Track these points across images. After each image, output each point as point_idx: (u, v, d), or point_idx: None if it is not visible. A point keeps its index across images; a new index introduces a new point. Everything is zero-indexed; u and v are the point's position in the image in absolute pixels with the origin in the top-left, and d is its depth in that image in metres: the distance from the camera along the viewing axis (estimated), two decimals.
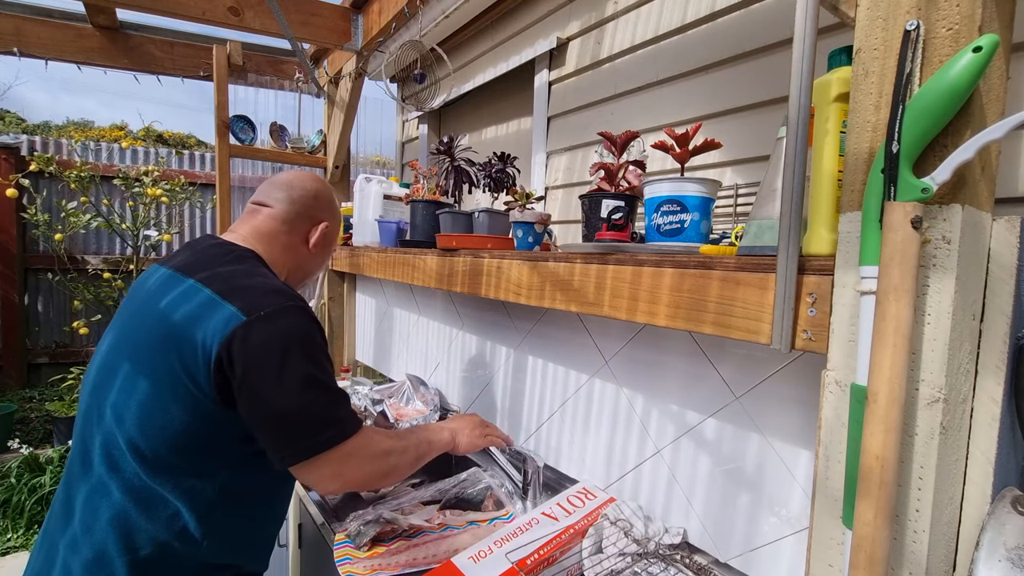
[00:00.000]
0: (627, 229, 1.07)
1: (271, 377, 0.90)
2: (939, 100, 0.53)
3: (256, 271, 1.03)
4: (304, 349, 0.94)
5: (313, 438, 0.93)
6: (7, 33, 2.44)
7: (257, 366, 0.90)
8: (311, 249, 1.18)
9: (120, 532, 0.92)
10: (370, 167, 4.10)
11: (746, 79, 1.20)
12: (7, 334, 4.36)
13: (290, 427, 0.92)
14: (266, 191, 1.16)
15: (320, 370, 0.96)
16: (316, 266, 1.23)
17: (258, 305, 0.93)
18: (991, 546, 0.57)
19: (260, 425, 0.93)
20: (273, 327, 0.92)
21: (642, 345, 1.26)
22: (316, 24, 2.27)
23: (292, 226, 1.14)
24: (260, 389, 0.90)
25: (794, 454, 0.97)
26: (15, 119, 6.65)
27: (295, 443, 0.93)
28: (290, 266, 1.16)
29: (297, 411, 0.92)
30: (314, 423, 0.94)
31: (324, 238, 1.19)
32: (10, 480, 3.08)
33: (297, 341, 0.93)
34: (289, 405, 0.91)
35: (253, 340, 0.90)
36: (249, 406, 0.92)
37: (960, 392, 0.59)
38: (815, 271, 0.67)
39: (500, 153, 1.51)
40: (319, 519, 1.41)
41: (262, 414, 0.92)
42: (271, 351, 0.91)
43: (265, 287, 0.98)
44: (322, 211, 1.19)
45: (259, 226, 1.12)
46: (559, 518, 1.12)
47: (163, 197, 3.97)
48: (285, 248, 1.14)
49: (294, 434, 0.92)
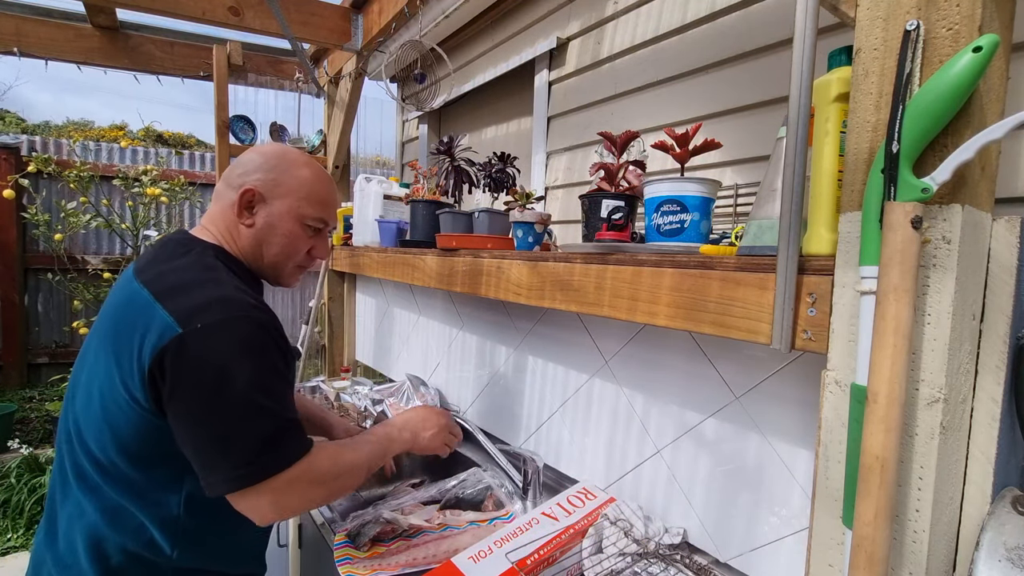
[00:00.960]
0: (627, 229, 1.07)
1: (202, 398, 0.83)
2: (939, 100, 0.53)
3: (207, 269, 0.94)
4: (243, 367, 0.85)
5: (247, 467, 0.84)
6: (7, 33, 2.44)
7: (188, 385, 0.83)
8: (244, 223, 1.02)
9: (91, 542, 0.90)
10: (370, 167, 4.10)
11: (746, 79, 1.20)
12: (7, 334, 4.36)
13: (220, 454, 0.85)
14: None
15: (262, 391, 0.86)
16: (268, 244, 1.04)
17: (195, 315, 0.84)
18: (991, 546, 0.57)
19: (189, 449, 0.86)
20: (210, 341, 0.84)
21: (642, 345, 1.26)
22: (316, 24, 2.27)
23: (222, 203, 1.03)
24: (189, 410, 0.84)
25: (794, 454, 0.97)
26: (15, 119, 6.65)
27: (225, 471, 0.84)
28: (241, 250, 1.03)
29: (229, 437, 0.84)
30: (247, 451, 0.85)
31: (261, 206, 1.02)
32: (10, 480, 3.08)
33: (236, 358, 0.84)
34: (220, 430, 0.84)
35: (186, 355, 0.82)
36: (177, 426, 0.85)
37: (960, 392, 0.59)
38: (815, 271, 0.67)
39: (500, 153, 1.51)
40: (319, 519, 1.41)
41: (190, 437, 0.85)
42: (204, 369, 0.83)
43: (209, 292, 0.89)
44: (247, 176, 1.01)
45: (211, 211, 1.04)
46: (559, 518, 1.12)
47: (162, 197, 3.97)
48: (227, 229, 1.03)
49: (224, 462, 0.84)
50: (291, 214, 1.04)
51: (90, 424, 0.91)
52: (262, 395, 0.87)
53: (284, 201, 1.03)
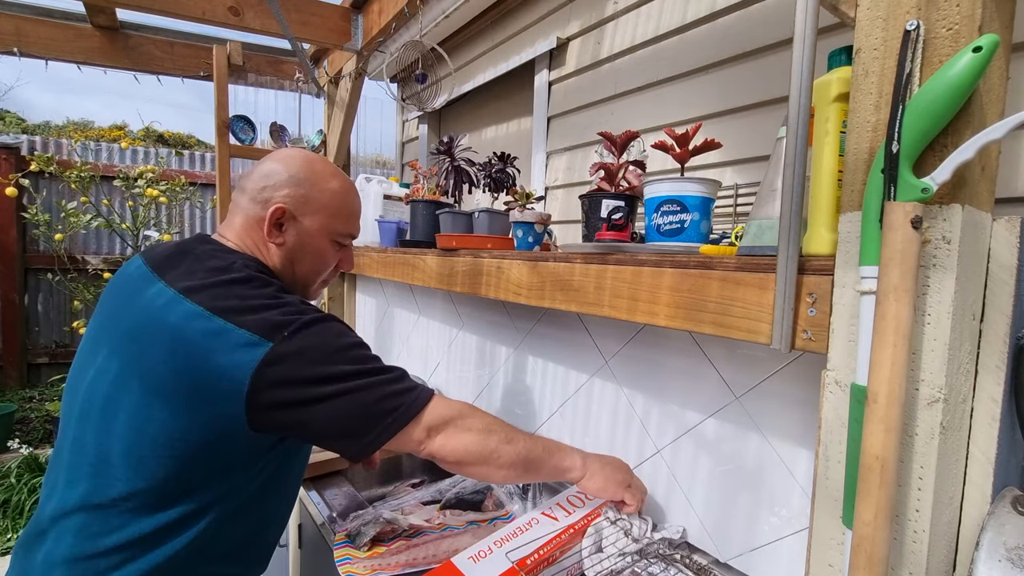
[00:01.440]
0: (627, 229, 1.07)
1: (324, 380, 0.84)
2: (939, 100, 0.53)
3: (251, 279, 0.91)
4: (341, 344, 0.88)
5: (392, 415, 0.89)
6: (7, 33, 2.44)
7: (302, 381, 0.84)
8: (274, 243, 0.99)
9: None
10: (370, 167, 4.10)
11: (746, 79, 1.20)
12: (7, 334, 4.36)
13: (373, 416, 0.88)
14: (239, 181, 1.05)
15: (365, 356, 0.91)
16: (298, 262, 1.02)
17: (277, 328, 0.84)
18: (991, 546, 0.57)
19: (334, 430, 0.88)
20: (301, 339, 0.85)
21: (642, 345, 1.26)
22: (316, 24, 2.27)
23: (246, 217, 0.99)
24: (317, 396, 0.84)
25: (794, 454, 0.97)
26: (15, 119, 6.65)
27: (371, 433, 0.88)
28: (276, 268, 1.01)
29: (369, 403, 0.88)
30: (390, 397, 0.90)
31: (290, 224, 0.99)
32: (10, 480, 3.08)
33: (333, 340, 0.88)
34: (359, 402, 0.87)
35: (288, 359, 0.83)
36: (307, 420, 0.85)
37: (960, 392, 0.59)
38: (815, 271, 0.67)
39: (500, 153, 1.51)
40: (319, 519, 1.41)
41: (328, 421, 0.86)
42: (311, 361, 0.85)
43: (271, 301, 0.88)
44: (276, 191, 0.98)
45: (235, 224, 1.00)
46: (559, 518, 1.12)
47: (161, 198, 3.97)
48: (257, 244, 1.00)
49: (367, 423, 0.88)
50: (322, 231, 1.02)
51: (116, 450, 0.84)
52: (368, 359, 0.91)
53: (315, 219, 1.01)
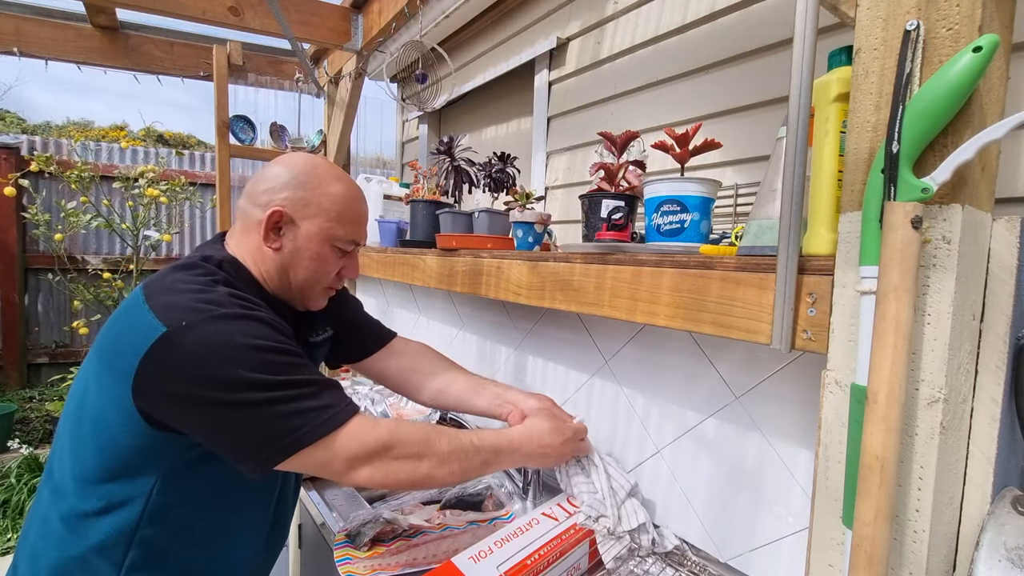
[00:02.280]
0: (627, 229, 1.07)
1: (210, 388, 0.78)
2: (939, 100, 0.53)
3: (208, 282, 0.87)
4: (244, 347, 0.80)
5: (278, 440, 0.79)
6: (7, 33, 2.44)
7: (186, 380, 0.78)
8: (270, 247, 0.95)
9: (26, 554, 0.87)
10: (370, 167, 4.10)
11: (746, 79, 1.20)
12: (7, 334, 4.36)
13: (261, 432, 0.79)
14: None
15: (271, 364, 0.80)
16: (295, 268, 0.97)
17: (178, 314, 0.79)
18: (991, 546, 0.57)
19: (224, 441, 0.81)
20: (199, 333, 0.78)
21: (642, 345, 1.26)
22: (316, 24, 2.27)
23: (245, 222, 0.97)
24: (203, 402, 0.78)
25: (794, 454, 0.97)
26: (15, 119, 6.65)
27: (269, 445, 0.79)
28: (270, 276, 0.97)
29: (262, 414, 0.79)
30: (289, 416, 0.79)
31: (289, 229, 0.95)
32: (10, 480, 3.08)
33: (234, 343, 0.79)
34: (250, 412, 0.79)
35: (180, 351, 0.78)
36: (193, 422, 0.81)
37: (960, 392, 0.59)
38: (815, 271, 0.67)
39: (500, 153, 1.51)
40: (319, 519, 1.41)
41: (214, 429, 0.81)
42: (202, 361, 0.78)
43: (192, 298, 0.82)
44: (275, 194, 0.94)
45: (235, 229, 1.00)
46: (559, 519, 1.12)
47: (161, 198, 3.97)
48: (253, 250, 0.96)
49: (268, 435, 0.79)
50: (320, 236, 0.96)
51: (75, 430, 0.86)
52: (279, 367, 0.81)
53: (313, 222, 0.95)
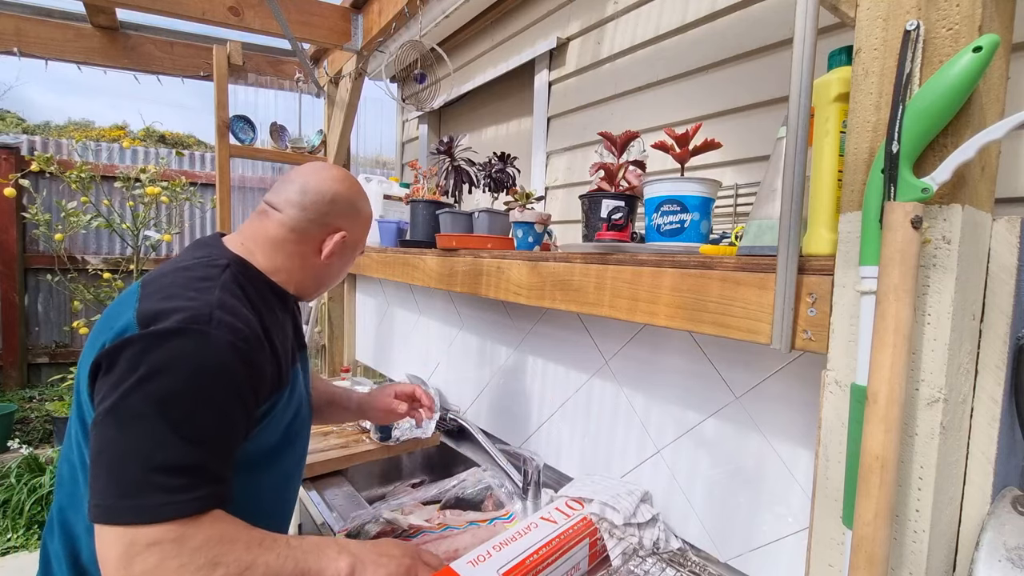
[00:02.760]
0: (627, 229, 1.07)
1: (111, 407, 0.72)
2: (939, 100, 0.53)
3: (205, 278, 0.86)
4: (171, 388, 0.73)
5: (115, 500, 0.70)
6: (7, 33, 2.44)
7: (108, 392, 0.73)
8: (324, 259, 1.02)
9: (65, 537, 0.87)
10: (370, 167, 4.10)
11: (746, 79, 1.20)
12: (7, 334, 4.36)
13: (103, 473, 0.72)
14: (279, 190, 1.01)
15: (186, 423, 0.74)
16: (332, 276, 1.08)
17: (155, 319, 0.76)
18: (991, 546, 0.57)
19: (93, 455, 0.74)
20: (158, 347, 0.74)
21: (642, 345, 1.26)
22: (316, 24, 2.27)
23: (302, 235, 0.99)
24: (100, 415, 0.73)
25: (794, 454, 0.97)
26: (15, 119, 6.65)
27: (96, 495, 0.71)
28: (298, 276, 1.02)
29: (119, 459, 0.72)
30: (127, 483, 0.71)
31: (342, 248, 1.03)
32: (10, 480, 3.08)
33: (167, 374, 0.73)
34: (113, 447, 0.72)
35: (123, 357, 0.74)
36: (94, 430, 0.74)
37: (960, 392, 0.59)
38: (815, 271, 0.67)
39: (500, 153, 1.51)
40: (319, 519, 1.41)
41: (98, 445, 0.73)
42: (130, 377, 0.73)
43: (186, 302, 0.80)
44: (339, 218, 1.02)
45: (267, 231, 0.99)
46: (558, 521, 1.12)
47: (162, 196, 3.97)
48: (292, 256, 1.00)
49: (99, 484, 0.72)
50: (356, 253, 1.11)
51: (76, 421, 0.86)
52: (185, 428, 0.74)
53: (359, 241, 1.09)
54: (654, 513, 1.17)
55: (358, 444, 1.71)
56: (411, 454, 1.85)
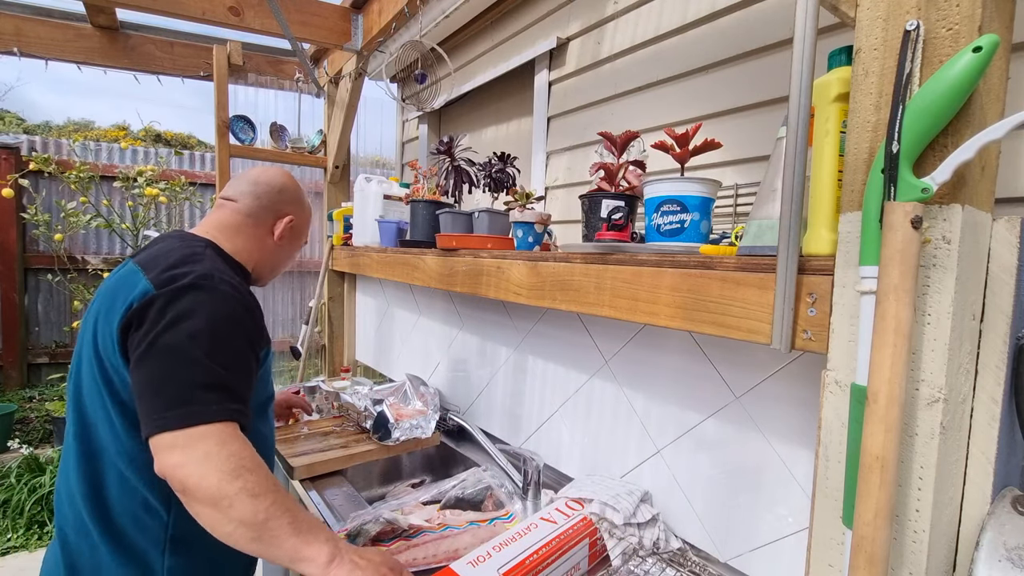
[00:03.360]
0: (627, 229, 1.07)
1: (156, 344, 0.88)
2: (939, 100, 0.53)
3: (193, 254, 1.02)
4: (201, 326, 0.90)
5: (172, 410, 0.84)
6: (7, 33, 2.44)
7: (148, 333, 0.89)
8: (277, 241, 1.21)
9: (94, 503, 0.97)
10: (370, 167, 4.10)
11: (746, 79, 1.20)
12: (7, 334, 4.35)
13: (155, 395, 0.86)
14: (233, 186, 1.20)
15: (211, 355, 0.89)
16: (284, 257, 1.27)
17: (172, 281, 0.93)
18: (991, 546, 0.57)
19: (136, 394, 0.89)
20: (178, 299, 0.91)
21: (642, 345, 1.26)
22: (316, 24, 2.26)
23: (257, 219, 1.18)
24: (143, 355, 0.88)
25: (794, 454, 0.97)
26: (15, 119, 6.65)
27: (153, 414, 0.85)
28: (256, 257, 1.19)
29: (167, 381, 0.86)
30: (179, 399, 0.85)
31: (290, 231, 1.23)
32: (10, 480, 3.08)
33: (198, 317, 0.90)
34: (161, 374, 0.87)
35: (154, 308, 0.90)
36: (132, 373, 0.90)
37: (960, 392, 0.59)
38: (815, 271, 0.67)
39: (500, 153, 1.51)
40: (319, 519, 1.41)
41: (137, 380, 0.89)
42: (165, 320, 0.89)
43: (187, 267, 0.97)
44: (287, 205, 1.23)
45: (223, 219, 1.16)
46: (558, 521, 1.12)
47: (161, 197, 3.97)
48: (250, 239, 1.18)
49: (156, 406, 0.85)
50: (302, 240, 1.31)
51: (94, 386, 0.97)
52: (209, 358, 0.89)
53: (303, 231, 1.30)
54: (654, 513, 1.17)
55: (358, 444, 1.71)
56: (411, 454, 1.85)
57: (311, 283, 4.80)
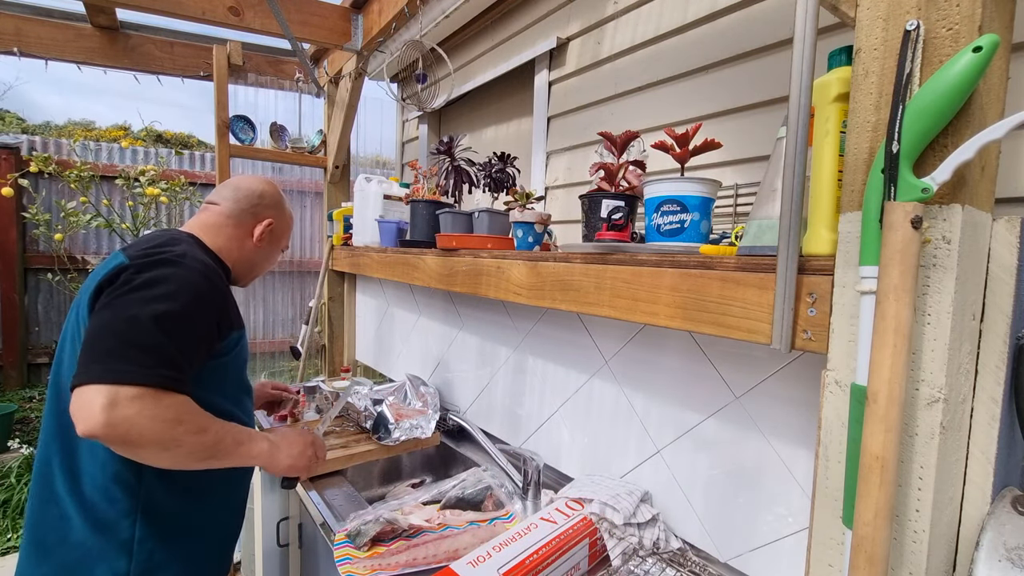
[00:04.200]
0: (627, 229, 1.07)
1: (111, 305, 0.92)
2: (939, 100, 0.53)
3: (172, 239, 1.09)
4: (160, 293, 0.95)
5: (105, 363, 0.88)
6: (7, 33, 2.44)
7: (109, 291, 0.94)
8: (256, 243, 1.27)
9: (68, 475, 1.02)
10: (370, 167, 4.10)
11: (746, 79, 1.20)
12: (7, 334, 4.35)
13: (93, 346, 0.90)
14: (217, 192, 1.28)
15: (168, 318, 0.93)
16: (263, 259, 1.32)
17: (142, 255, 1.00)
18: (991, 546, 0.57)
19: (86, 338, 0.92)
20: (143, 268, 0.97)
21: (642, 345, 1.26)
22: (316, 24, 2.26)
23: (238, 221, 1.25)
24: (97, 313, 0.93)
25: (794, 454, 0.97)
26: (15, 119, 6.64)
27: (86, 361, 0.88)
28: (236, 256, 1.25)
29: (110, 335, 0.90)
30: (114, 353, 0.88)
31: (270, 234, 1.30)
32: (10, 480, 3.08)
33: (158, 284, 0.95)
34: (106, 329, 0.90)
35: (121, 274, 0.96)
36: (90, 322, 0.94)
37: (960, 392, 0.59)
38: (815, 271, 0.67)
39: (500, 153, 1.51)
40: (319, 519, 1.41)
41: (92, 327, 0.92)
42: (128, 282, 0.95)
43: (164, 247, 1.03)
44: (267, 209, 1.29)
45: (206, 220, 1.23)
46: (558, 521, 1.12)
47: (161, 197, 3.97)
48: (231, 239, 1.24)
49: (91, 354, 0.89)
50: (280, 245, 1.37)
51: (71, 364, 1.01)
52: (168, 322, 0.93)
53: (282, 236, 1.36)
54: (654, 513, 1.17)
55: (358, 444, 1.71)
56: (411, 454, 1.85)
57: (311, 283, 4.81)
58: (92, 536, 1.01)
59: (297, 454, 1.18)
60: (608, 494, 1.17)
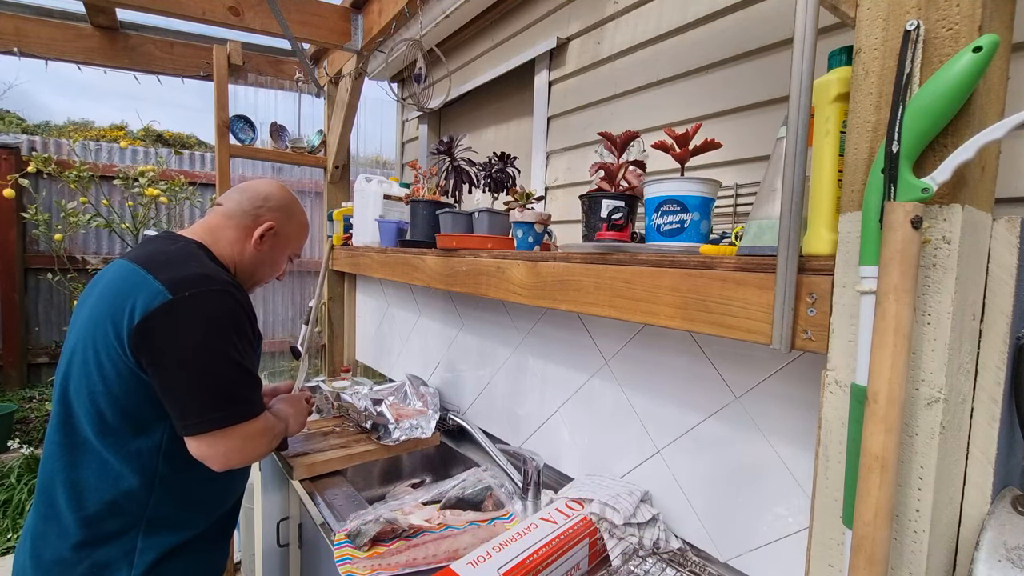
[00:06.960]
0: (627, 229, 1.07)
1: (187, 352, 0.99)
2: (939, 100, 0.53)
3: (190, 255, 1.12)
4: (225, 330, 1.03)
5: (220, 411, 1.02)
6: (7, 33, 2.44)
7: (175, 342, 0.99)
8: (255, 246, 1.24)
9: (71, 492, 1.03)
10: (370, 167, 4.10)
11: (746, 79, 1.20)
12: (7, 334, 4.35)
13: (198, 399, 1.01)
14: (227, 192, 1.28)
15: (237, 351, 1.05)
16: (263, 265, 1.29)
17: (184, 286, 1.01)
18: (991, 546, 0.57)
19: (170, 396, 1.01)
20: (197, 306, 1.01)
21: (642, 345, 1.26)
22: (316, 24, 2.26)
23: (238, 222, 1.23)
24: (176, 361, 0.99)
25: (794, 454, 0.97)
26: (15, 119, 6.64)
27: (199, 414, 1.01)
28: (236, 260, 1.24)
29: (208, 386, 1.01)
30: (222, 399, 1.03)
31: (272, 238, 1.27)
32: (10, 480, 3.08)
33: (218, 322, 1.03)
34: (201, 380, 1.01)
35: (175, 317, 0.99)
36: (162, 377, 1.00)
37: (960, 392, 0.59)
38: (815, 271, 0.67)
39: (500, 153, 1.51)
40: (319, 519, 1.41)
41: (172, 385, 1.00)
42: (192, 329, 1.00)
43: (196, 268, 1.06)
44: (270, 211, 1.27)
45: (209, 222, 1.23)
46: (558, 521, 1.12)
47: (161, 197, 3.97)
48: (231, 243, 1.23)
49: (200, 406, 1.01)
50: (286, 251, 1.34)
51: (84, 379, 1.03)
52: (238, 355, 1.05)
53: (288, 242, 1.33)
54: (654, 513, 1.17)
55: (358, 444, 1.71)
56: (411, 454, 1.85)
57: (311, 283, 4.80)
58: (92, 550, 1.03)
59: (303, 413, 1.41)
60: (608, 494, 1.17)
